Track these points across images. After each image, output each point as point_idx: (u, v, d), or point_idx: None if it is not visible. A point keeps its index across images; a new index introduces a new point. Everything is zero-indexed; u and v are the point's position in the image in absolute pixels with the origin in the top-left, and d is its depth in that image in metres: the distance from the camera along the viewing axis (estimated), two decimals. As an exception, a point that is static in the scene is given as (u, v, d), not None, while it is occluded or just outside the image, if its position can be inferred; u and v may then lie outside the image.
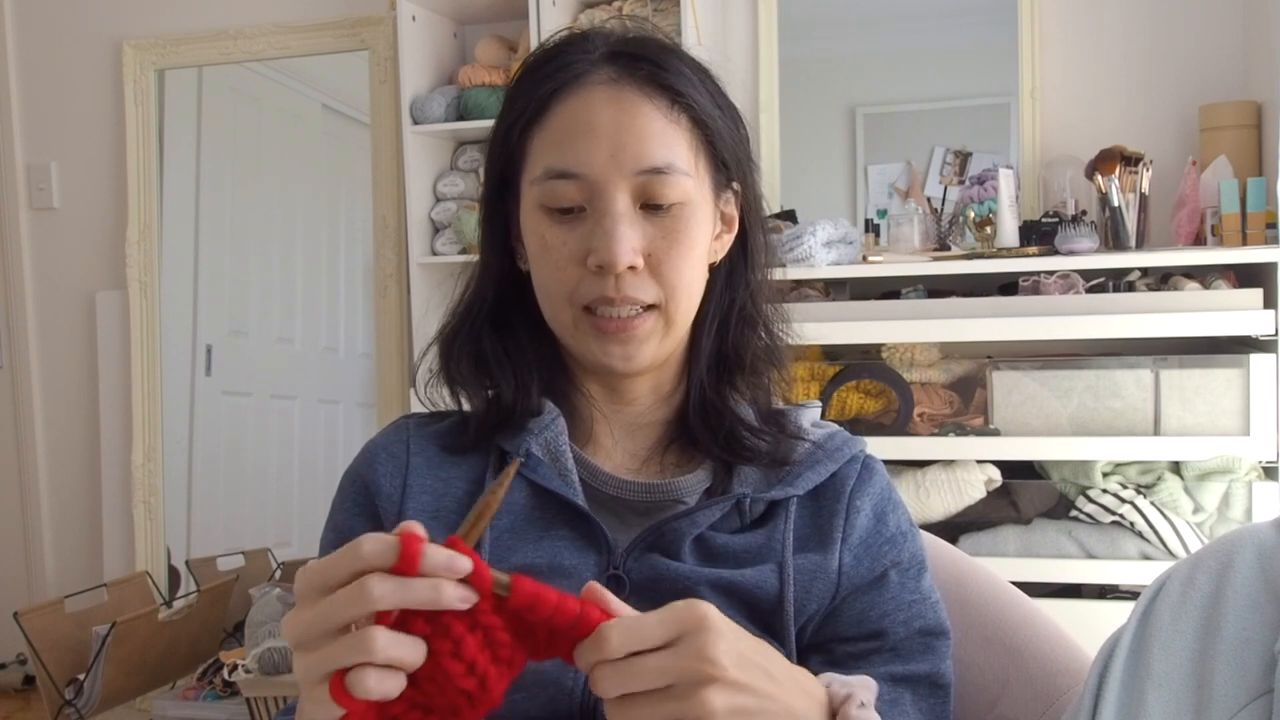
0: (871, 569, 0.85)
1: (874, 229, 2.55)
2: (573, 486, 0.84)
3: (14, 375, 3.27)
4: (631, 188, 0.81)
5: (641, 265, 0.81)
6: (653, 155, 0.81)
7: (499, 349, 0.89)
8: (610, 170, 0.80)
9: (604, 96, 0.81)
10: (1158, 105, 2.48)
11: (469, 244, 2.67)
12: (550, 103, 0.82)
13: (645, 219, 0.82)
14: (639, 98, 0.82)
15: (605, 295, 0.81)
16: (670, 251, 0.82)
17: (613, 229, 0.80)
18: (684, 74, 0.84)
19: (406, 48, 2.69)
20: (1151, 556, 2.17)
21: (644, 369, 0.86)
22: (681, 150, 0.82)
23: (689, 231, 0.83)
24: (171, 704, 2.61)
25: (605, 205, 0.80)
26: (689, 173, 0.82)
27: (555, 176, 0.81)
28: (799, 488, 0.85)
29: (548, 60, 0.84)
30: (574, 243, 0.81)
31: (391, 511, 0.85)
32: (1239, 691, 0.65)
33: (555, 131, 0.82)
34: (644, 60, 0.83)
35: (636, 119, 0.81)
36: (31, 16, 3.23)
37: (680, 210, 0.82)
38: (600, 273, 0.81)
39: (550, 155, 0.82)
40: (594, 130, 0.80)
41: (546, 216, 0.82)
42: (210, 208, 3.27)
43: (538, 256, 0.84)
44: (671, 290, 0.83)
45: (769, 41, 2.69)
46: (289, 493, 3.35)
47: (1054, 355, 2.34)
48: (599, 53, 0.84)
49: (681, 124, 0.83)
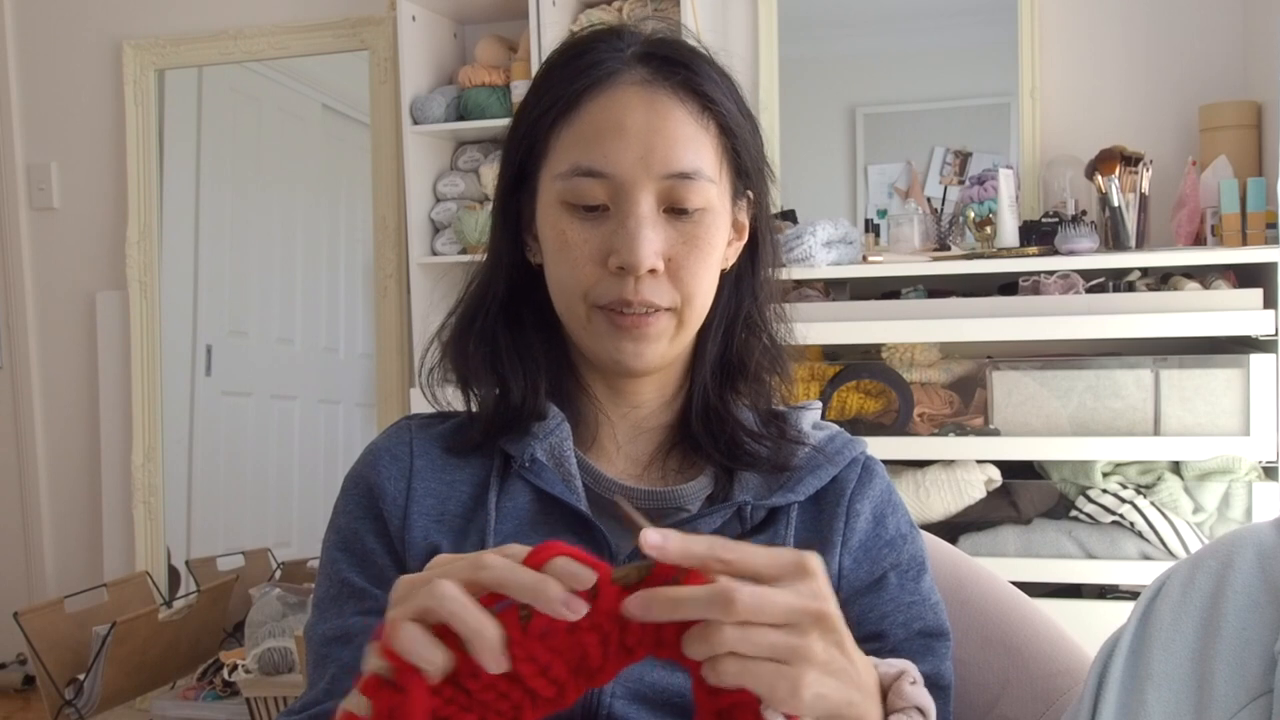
0: (871, 572, 0.85)
1: (874, 229, 2.55)
2: (576, 492, 0.84)
3: (14, 375, 3.27)
4: (658, 191, 0.80)
5: (661, 269, 0.81)
6: (681, 160, 0.80)
7: (510, 344, 0.88)
8: (638, 172, 0.80)
9: (637, 97, 0.81)
10: (1158, 105, 2.48)
11: (469, 244, 2.67)
12: (581, 99, 0.82)
13: (668, 223, 0.81)
14: (672, 101, 0.81)
15: (623, 298, 0.80)
16: (690, 257, 0.82)
17: (637, 231, 0.79)
18: (715, 80, 0.84)
19: (406, 48, 2.69)
20: (1151, 556, 2.17)
21: (653, 368, 0.86)
22: (708, 157, 0.82)
23: (709, 238, 0.83)
24: (171, 704, 2.61)
25: (630, 207, 0.80)
26: (714, 179, 0.82)
27: (582, 174, 0.80)
28: (800, 494, 0.86)
29: (578, 55, 0.84)
30: (595, 241, 0.81)
31: (396, 515, 0.85)
32: (1239, 691, 0.65)
33: (584, 128, 0.81)
34: (678, 64, 0.83)
35: (668, 122, 0.81)
36: (31, 16, 3.23)
37: (702, 216, 0.82)
38: (620, 274, 0.80)
39: (578, 152, 0.81)
40: (625, 130, 0.80)
41: (568, 213, 0.82)
42: (210, 208, 3.27)
43: (556, 252, 0.83)
44: (689, 296, 0.83)
45: (769, 41, 2.69)
46: (289, 493, 3.35)
47: (1054, 355, 2.34)
48: (630, 52, 0.83)
49: (710, 131, 0.83)
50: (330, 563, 0.86)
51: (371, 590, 0.83)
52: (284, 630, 2.39)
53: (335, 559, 0.86)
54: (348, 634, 0.82)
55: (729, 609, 0.53)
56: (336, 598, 0.84)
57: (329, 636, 0.83)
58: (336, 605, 0.84)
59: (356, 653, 0.81)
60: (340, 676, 0.81)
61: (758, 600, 0.54)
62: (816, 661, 0.56)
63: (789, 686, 0.55)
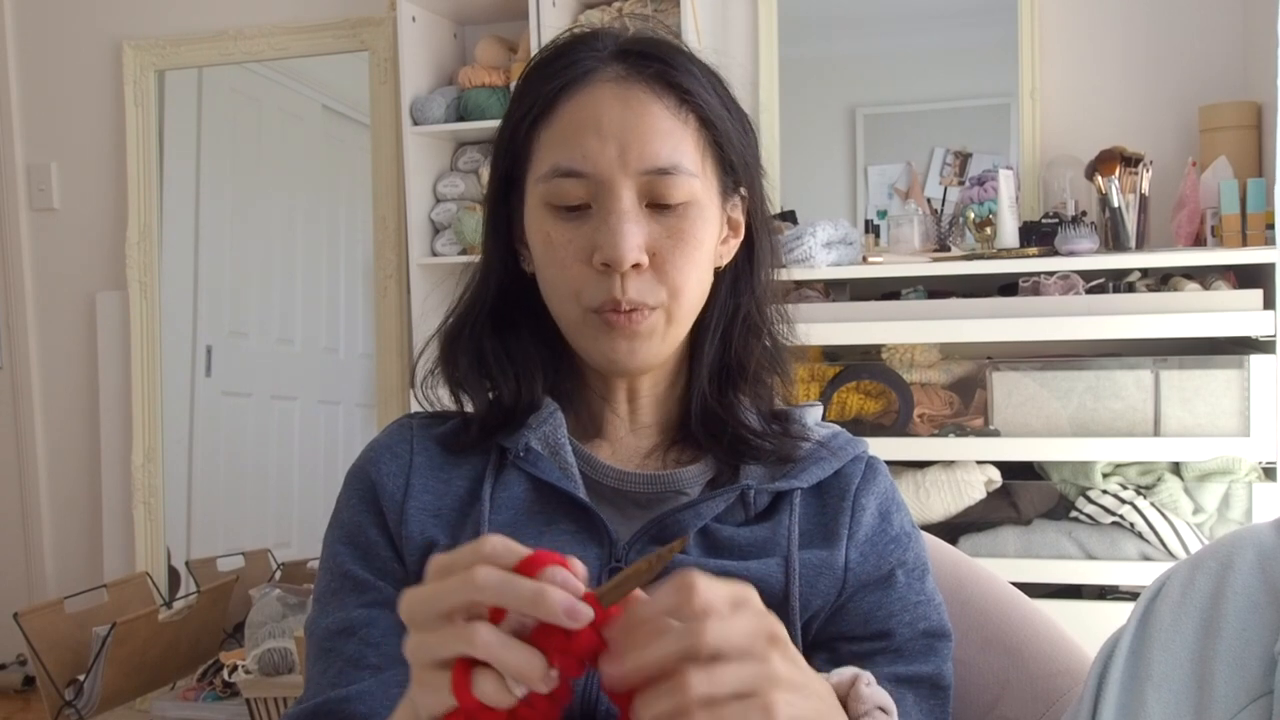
0: (878, 567, 0.85)
1: (874, 230, 2.55)
2: (573, 480, 0.84)
3: (14, 375, 3.27)
4: (638, 186, 0.80)
5: (646, 263, 0.81)
6: (659, 155, 0.80)
7: (500, 350, 0.88)
8: (616, 169, 0.80)
9: (612, 94, 0.81)
10: (1157, 105, 2.48)
11: (469, 244, 2.67)
12: (558, 100, 0.82)
13: (651, 217, 0.81)
14: (647, 96, 0.81)
15: (612, 297, 0.80)
16: (675, 251, 0.81)
17: (618, 226, 0.79)
18: (693, 74, 0.83)
19: (406, 48, 2.69)
20: (1151, 557, 2.17)
21: (647, 366, 0.86)
22: (688, 150, 0.82)
23: (694, 231, 0.82)
24: (171, 705, 2.61)
25: (611, 203, 0.80)
26: (695, 173, 0.82)
27: (561, 174, 0.80)
28: (804, 480, 0.85)
29: (556, 58, 0.84)
30: (579, 240, 0.81)
31: (394, 510, 0.85)
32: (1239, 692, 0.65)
33: (562, 129, 0.81)
34: (653, 59, 0.82)
35: (644, 117, 0.81)
36: (31, 17, 3.23)
37: (686, 210, 0.82)
38: (606, 271, 0.80)
39: (557, 153, 0.81)
40: (601, 128, 0.80)
41: (552, 214, 0.82)
42: (210, 208, 3.27)
43: (543, 255, 0.83)
44: (675, 290, 0.82)
45: (769, 41, 2.69)
46: (289, 493, 3.35)
47: (1054, 356, 2.34)
48: (607, 51, 0.83)
49: (689, 124, 0.82)
50: (332, 556, 0.87)
51: (374, 582, 0.83)
52: (284, 631, 2.39)
53: (337, 552, 0.86)
54: (351, 627, 0.82)
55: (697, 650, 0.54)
56: (339, 591, 0.85)
57: (332, 630, 0.83)
58: (339, 598, 0.84)
59: (360, 645, 0.81)
60: (346, 669, 0.81)
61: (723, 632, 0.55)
62: (783, 682, 0.56)
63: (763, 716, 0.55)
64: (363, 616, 0.82)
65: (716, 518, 0.83)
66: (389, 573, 0.84)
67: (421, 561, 0.83)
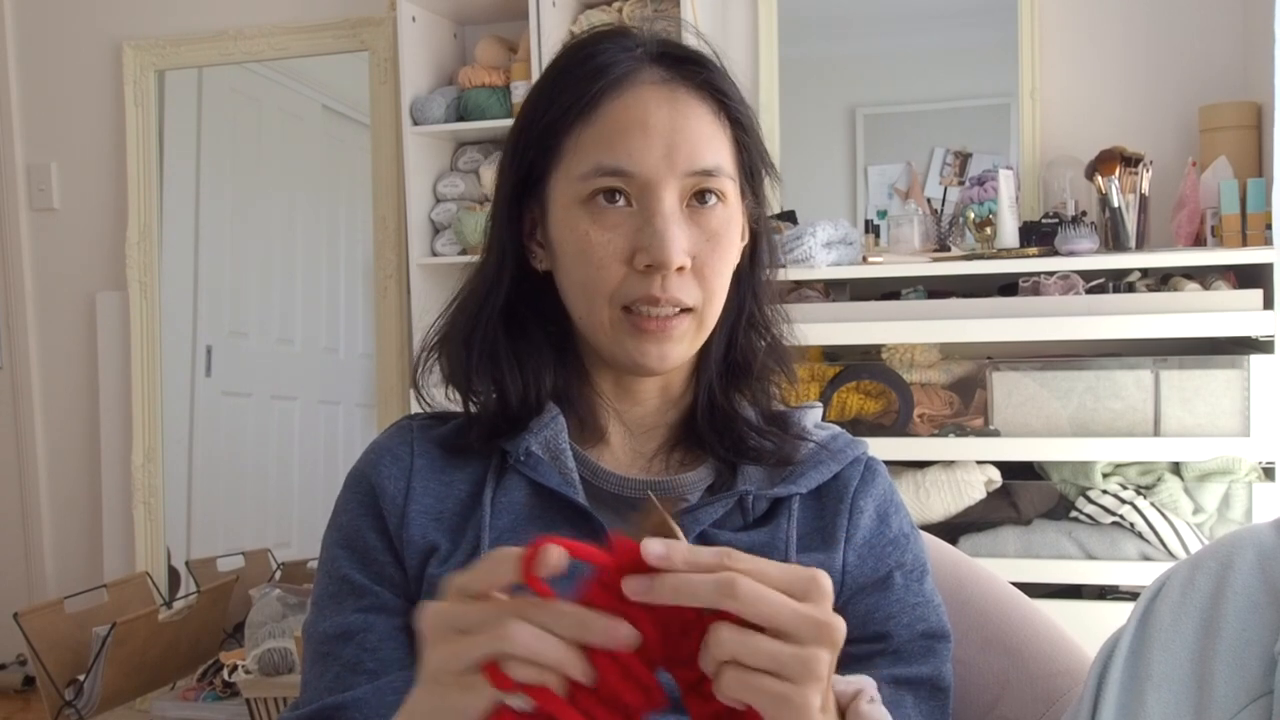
0: (876, 569, 0.85)
1: (874, 230, 2.55)
2: (573, 484, 0.84)
3: (14, 375, 3.27)
4: (681, 188, 0.81)
5: (689, 266, 0.81)
6: (704, 157, 0.81)
7: (510, 351, 0.88)
8: (663, 169, 0.80)
9: (657, 96, 0.81)
10: (1157, 106, 2.48)
11: (469, 244, 2.67)
12: (600, 100, 0.82)
13: (690, 221, 0.82)
14: (692, 99, 0.82)
15: (651, 294, 0.80)
16: (713, 254, 0.82)
17: (664, 229, 0.79)
18: (728, 79, 0.85)
19: (406, 48, 2.69)
20: (1151, 557, 2.17)
21: (672, 369, 0.86)
22: (726, 154, 0.83)
23: (729, 234, 0.84)
24: (171, 705, 2.61)
25: (656, 205, 0.80)
26: (733, 176, 0.84)
27: (606, 173, 0.80)
28: (802, 485, 0.86)
29: (590, 57, 0.84)
30: (619, 241, 0.81)
31: (395, 512, 0.85)
32: (1239, 693, 0.65)
33: (606, 128, 0.81)
34: (693, 63, 0.84)
35: (690, 119, 0.81)
36: (31, 17, 3.23)
37: (723, 213, 0.83)
38: (648, 272, 0.80)
39: (600, 152, 0.81)
40: (648, 128, 0.80)
41: (589, 214, 0.81)
42: (210, 208, 3.27)
43: (577, 254, 0.82)
44: (710, 293, 0.83)
45: (769, 41, 2.69)
46: (289, 493, 3.35)
47: (1054, 356, 2.34)
48: (642, 51, 0.84)
49: (726, 129, 0.84)
50: (330, 560, 0.86)
51: (372, 587, 0.83)
52: (284, 631, 2.39)
53: (336, 556, 0.86)
54: (348, 631, 0.82)
55: (730, 593, 0.52)
56: (336, 595, 0.84)
57: (330, 634, 0.83)
58: (336, 602, 0.84)
59: (357, 650, 0.81)
60: (343, 674, 0.81)
61: (761, 592, 0.53)
62: (822, 681, 0.54)
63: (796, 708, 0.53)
64: (360, 621, 0.82)
65: (715, 523, 0.83)
66: (387, 578, 0.84)
67: (422, 565, 0.83)
